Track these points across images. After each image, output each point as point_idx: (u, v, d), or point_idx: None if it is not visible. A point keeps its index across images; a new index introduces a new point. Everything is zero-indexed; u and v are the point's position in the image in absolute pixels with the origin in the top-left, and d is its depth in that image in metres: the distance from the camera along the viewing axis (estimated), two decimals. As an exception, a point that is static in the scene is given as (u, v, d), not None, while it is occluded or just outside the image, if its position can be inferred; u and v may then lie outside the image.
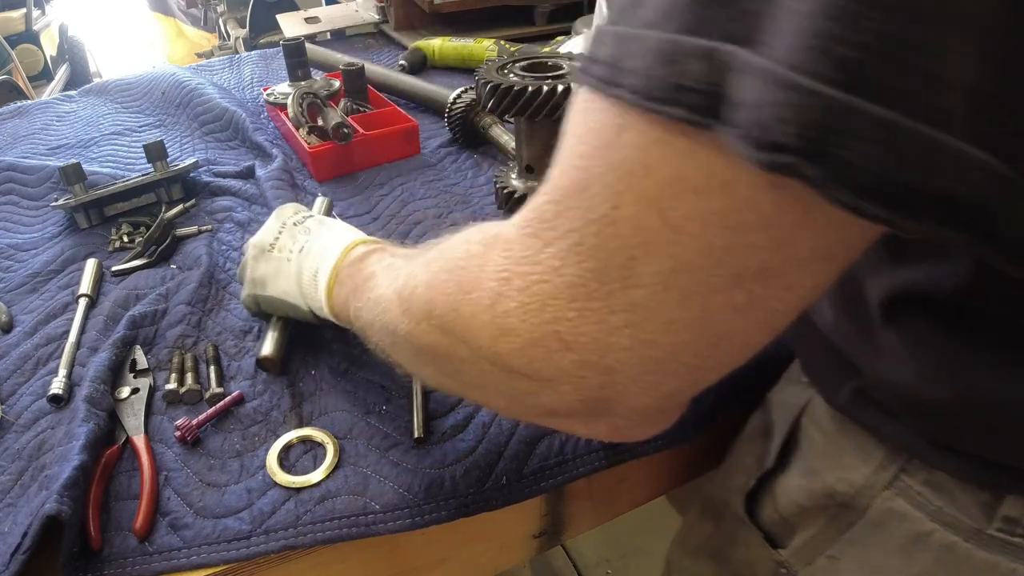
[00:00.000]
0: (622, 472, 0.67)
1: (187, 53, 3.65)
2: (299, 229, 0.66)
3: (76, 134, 1.27)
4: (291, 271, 0.64)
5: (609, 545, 1.67)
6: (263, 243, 0.67)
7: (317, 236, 0.64)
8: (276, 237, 0.66)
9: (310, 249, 0.63)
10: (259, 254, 0.67)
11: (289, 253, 0.64)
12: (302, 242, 0.64)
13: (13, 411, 0.67)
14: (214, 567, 0.55)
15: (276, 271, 0.65)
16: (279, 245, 0.65)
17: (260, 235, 0.68)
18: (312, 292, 0.61)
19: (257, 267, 0.67)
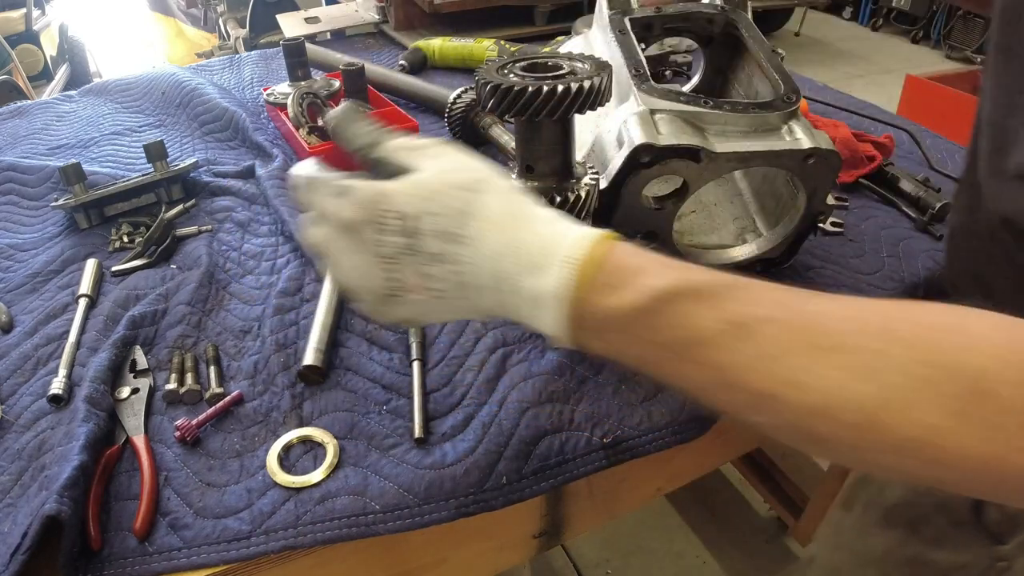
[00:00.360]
0: (622, 472, 0.67)
1: (187, 53, 3.66)
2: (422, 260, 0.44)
3: (76, 134, 1.27)
4: (456, 306, 0.46)
5: (609, 545, 1.67)
6: (375, 293, 0.47)
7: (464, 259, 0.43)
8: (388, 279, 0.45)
9: (470, 283, 0.44)
10: (381, 302, 0.47)
11: (437, 293, 0.45)
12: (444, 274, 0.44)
13: (13, 411, 0.67)
14: (214, 567, 0.55)
15: (429, 310, 0.47)
16: (409, 286, 0.45)
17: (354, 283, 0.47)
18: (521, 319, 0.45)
19: (393, 312, 0.48)
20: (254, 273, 0.86)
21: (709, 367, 0.38)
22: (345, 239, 0.45)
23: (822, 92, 1.34)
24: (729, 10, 0.87)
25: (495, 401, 0.66)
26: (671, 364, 0.40)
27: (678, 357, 0.39)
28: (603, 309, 0.40)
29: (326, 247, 0.48)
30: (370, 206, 0.44)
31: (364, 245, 0.44)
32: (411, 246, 0.43)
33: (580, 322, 0.41)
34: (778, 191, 0.80)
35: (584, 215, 0.65)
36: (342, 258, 0.46)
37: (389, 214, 0.43)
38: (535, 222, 0.43)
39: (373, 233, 0.44)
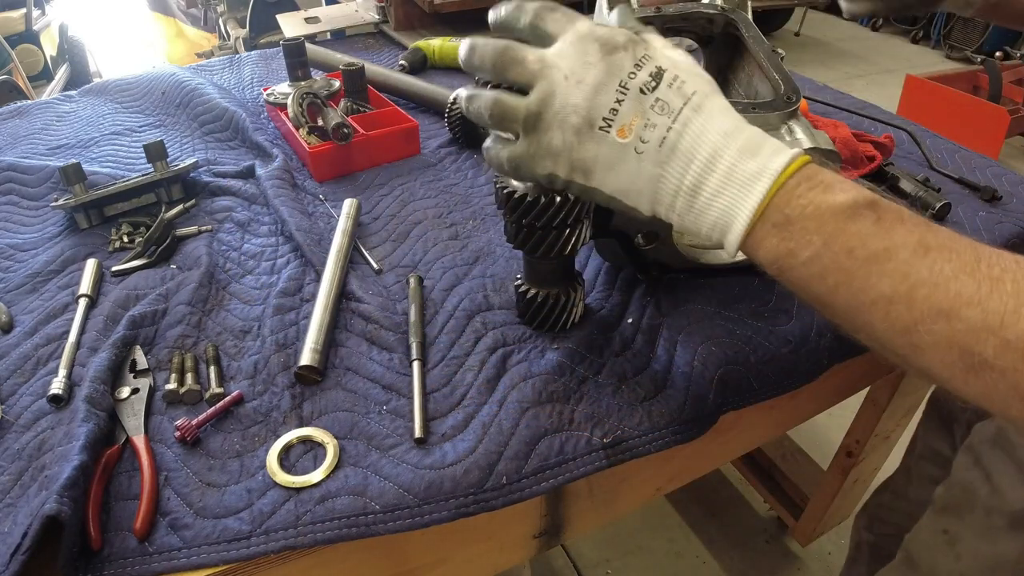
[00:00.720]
0: (622, 472, 0.67)
1: (187, 53, 3.66)
2: (654, 101, 0.45)
3: (76, 134, 1.27)
4: (642, 170, 0.46)
5: (609, 545, 1.67)
6: (590, 115, 0.46)
7: (693, 125, 0.45)
8: (615, 106, 0.46)
9: (684, 148, 0.45)
10: (584, 128, 0.46)
11: (639, 143, 0.45)
12: (662, 129, 0.45)
13: (13, 411, 0.67)
14: (214, 567, 0.55)
15: (613, 161, 0.47)
16: (621, 122, 0.45)
17: (580, 97, 0.46)
18: (689, 211, 0.46)
19: (582, 148, 0.47)
20: (254, 273, 0.86)
21: (896, 276, 0.41)
22: (597, 55, 0.46)
23: (822, 92, 1.34)
24: (729, 10, 0.87)
25: (495, 401, 0.66)
26: (854, 270, 0.42)
27: (863, 263, 0.41)
28: (809, 201, 0.43)
29: (559, 60, 0.47)
30: (636, 44, 0.47)
31: (613, 66, 0.46)
32: (651, 87, 0.45)
33: (776, 210, 0.43)
34: (778, 191, 0.80)
35: (584, 215, 0.65)
36: (583, 71, 0.46)
37: (648, 59, 0.46)
38: (755, 128, 0.47)
39: (628, 60, 0.46)
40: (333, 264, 0.82)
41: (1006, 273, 0.39)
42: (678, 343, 0.71)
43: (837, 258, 0.42)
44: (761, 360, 0.71)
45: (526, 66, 0.48)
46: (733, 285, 0.79)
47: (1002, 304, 0.38)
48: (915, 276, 0.40)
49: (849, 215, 0.42)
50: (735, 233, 0.45)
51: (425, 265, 0.86)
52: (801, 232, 0.43)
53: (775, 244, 0.44)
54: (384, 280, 0.84)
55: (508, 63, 0.49)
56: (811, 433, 1.85)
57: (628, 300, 0.78)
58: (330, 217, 0.96)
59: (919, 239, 0.41)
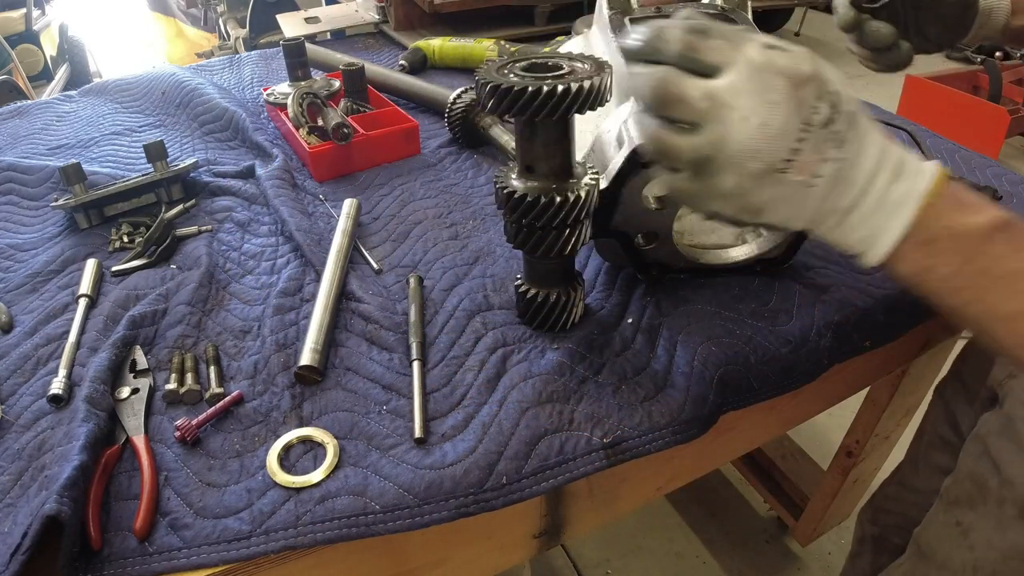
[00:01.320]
0: (622, 472, 0.67)
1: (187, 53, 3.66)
2: (831, 135, 0.44)
3: (76, 134, 1.27)
4: (809, 202, 0.45)
5: (609, 545, 1.67)
6: (772, 158, 0.43)
7: (850, 149, 0.45)
8: (796, 146, 0.43)
9: (846, 177, 0.45)
10: (764, 175, 0.44)
11: (812, 179, 0.44)
12: (834, 163, 0.44)
13: (13, 411, 0.67)
14: (214, 567, 0.55)
15: (785, 198, 0.45)
16: (800, 163, 0.43)
17: (761, 142, 0.43)
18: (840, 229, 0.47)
19: (757, 193, 0.45)
20: (254, 273, 0.86)
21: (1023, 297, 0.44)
22: (784, 92, 0.43)
23: (822, 92, 1.34)
24: (729, 10, 0.87)
25: (495, 401, 0.66)
26: (987, 287, 0.45)
27: (996, 281, 0.45)
28: (949, 223, 0.46)
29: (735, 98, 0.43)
30: (818, 74, 0.44)
31: (800, 103, 0.43)
32: (830, 120, 0.44)
33: (920, 230, 0.46)
34: (778, 191, 0.80)
35: (584, 215, 0.65)
36: (768, 112, 0.42)
37: (828, 83, 0.44)
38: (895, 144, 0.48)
39: (812, 95, 0.43)
40: (333, 264, 0.82)
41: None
42: (678, 343, 0.71)
43: (973, 276, 0.45)
44: (761, 360, 0.71)
45: (691, 105, 0.43)
46: (733, 285, 0.79)
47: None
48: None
49: (986, 236, 0.45)
50: (879, 251, 0.47)
51: (425, 265, 0.86)
52: (941, 251, 0.46)
53: (916, 260, 0.47)
54: (384, 280, 0.84)
55: (668, 102, 0.44)
56: (811, 433, 1.85)
57: (628, 300, 0.78)
58: (330, 217, 0.96)
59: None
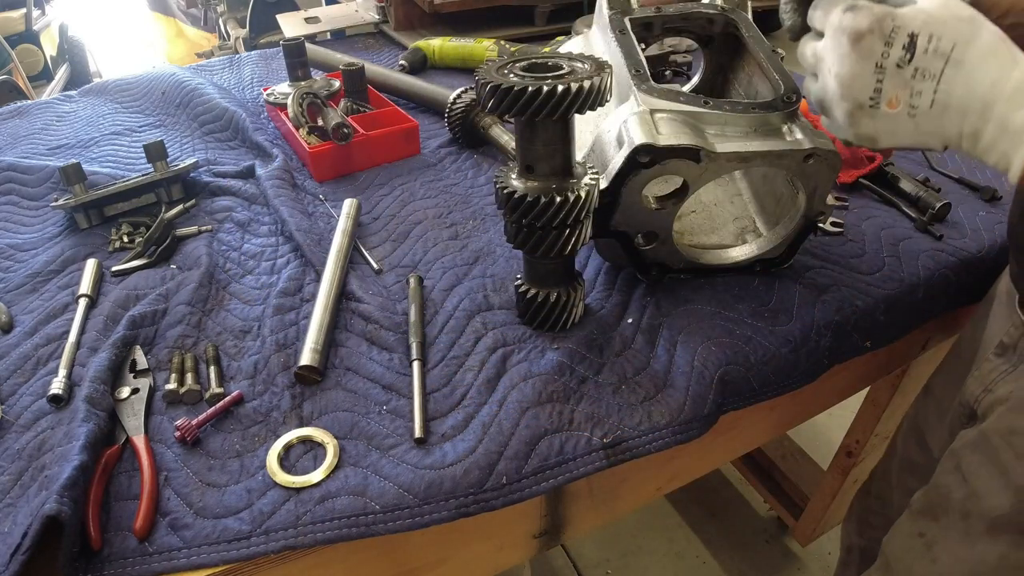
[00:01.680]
0: (622, 472, 0.67)
1: (187, 53, 3.66)
2: (913, 72, 0.50)
3: (76, 134, 1.27)
4: (922, 127, 0.52)
5: (609, 545, 1.67)
6: (856, 100, 0.53)
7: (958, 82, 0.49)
8: (877, 86, 0.52)
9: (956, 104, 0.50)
10: (855, 111, 0.54)
11: (911, 109, 0.51)
12: (929, 94, 0.50)
13: (13, 411, 0.67)
14: (214, 567, 0.55)
15: (892, 128, 0.53)
16: (887, 98, 0.52)
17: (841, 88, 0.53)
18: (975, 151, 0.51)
19: (858, 125, 0.54)
20: (254, 273, 0.86)
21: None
22: (847, 46, 0.51)
23: (822, 92, 1.34)
24: (729, 10, 0.87)
25: (495, 401, 0.66)
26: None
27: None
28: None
29: (824, 54, 0.54)
30: (882, 18, 0.50)
31: (864, 52, 0.51)
32: (907, 60, 0.50)
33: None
34: (778, 191, 0.80)
35: (584, 215, 0.65)
36: (839, 64, 0.52)
37: (896, 30, 0.50)
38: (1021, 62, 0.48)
39: (877, 42, 0.50)
40: (333, 264, 0.82)
41: None
42: (678, 343, 0.71)
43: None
44: (761, 360, 0.71)
45: (807, 60, 0.57)
46: (733, 285, 0.79)
47: None
48: None
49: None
50: (1013, 173, 0.49)
51: (425, 265, 0.86)
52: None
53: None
54: (384, 280, 0.84)
55: (800, 57, 0.59)
56: (811, 433, 1.85)
57: (628, 300, 0.78)
58: (330, 217, 0.96)
59: None
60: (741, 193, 0.89)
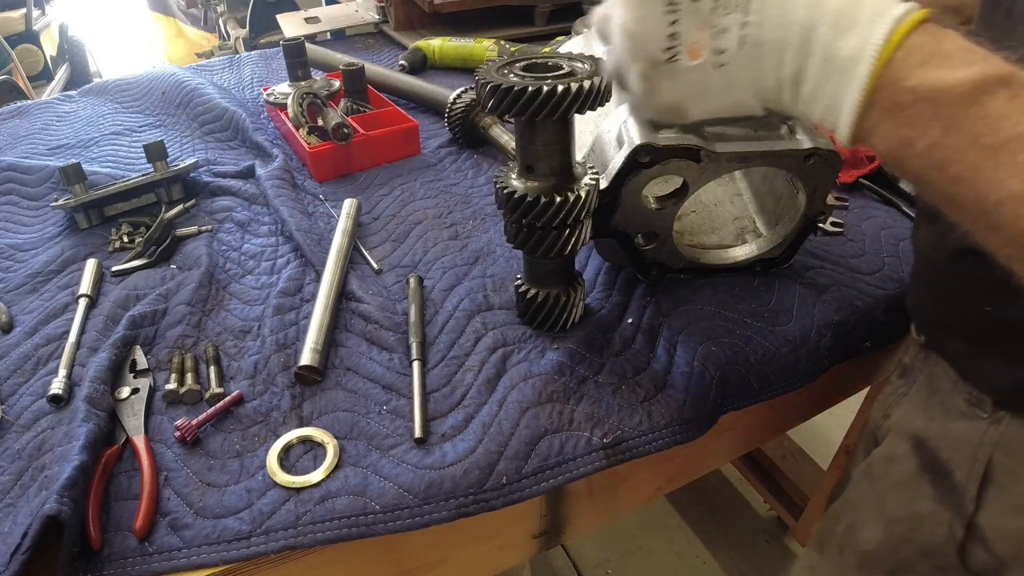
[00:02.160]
0: (622, 472, 0.67)
1: (187, 53, 3.66)
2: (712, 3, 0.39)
3: (76, 134, 1.27)
4: (734, 79, 0.41)
5: (609, 545, 1.67)
6: (648, 54, 0.42)
7: (771, 8, 0.38)
8: (671, 30, 0.40)
9: (770, 39, 0.39)
10: (651, 70, 0.42)
11: (716, 56, 0.40)
12: (736, 29, 0.39)
13: (13, 411, 0.67)
14: (214, 567, 0.55)
15: (700, 88, 0.42)
16: (686, 42, 0.40)
17: (632, 36, 0.42)
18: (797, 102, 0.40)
19: (660, 90, 0.43)
20: (254, 273, 0.86)
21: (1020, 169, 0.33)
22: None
23: (822, 92, 1.34)
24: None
25: (495, 401, 0.66)
26: (975, 161, 0.34)
27: (991, 153, 0.34)
28: (922, 81, 0.35)
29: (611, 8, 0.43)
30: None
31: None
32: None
33: (885, 93, 0.36)
34: (778, 191, 0.80)
35: (584, 215, 0.65)
36: (624, 9, 0.41)
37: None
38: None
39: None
40: (333, 264, 0.82)
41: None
42: (678, 343, 0.71)
43: (959, 148, 0.35)
44: (761, 360, 0.71)
45: (598, 28, 0.45)
46: (733, 285, 0.79)
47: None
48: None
49: (972, 96, 0.34)
50: (844, 124, 0.39)
51: (425, 265, 0.86)
52: (916, 118, 0.36)
53: (888, 132, 0.37)
54: (384, 280, 0.84)
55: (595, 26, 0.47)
56: (811, 433, 1.85)
57: (628, 300, 0.78)
58: (330, 217, 0.96)
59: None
60: (741, 193, 0.89)
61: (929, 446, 0.62)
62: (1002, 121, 0.33)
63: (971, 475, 0.57)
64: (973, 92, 0.34)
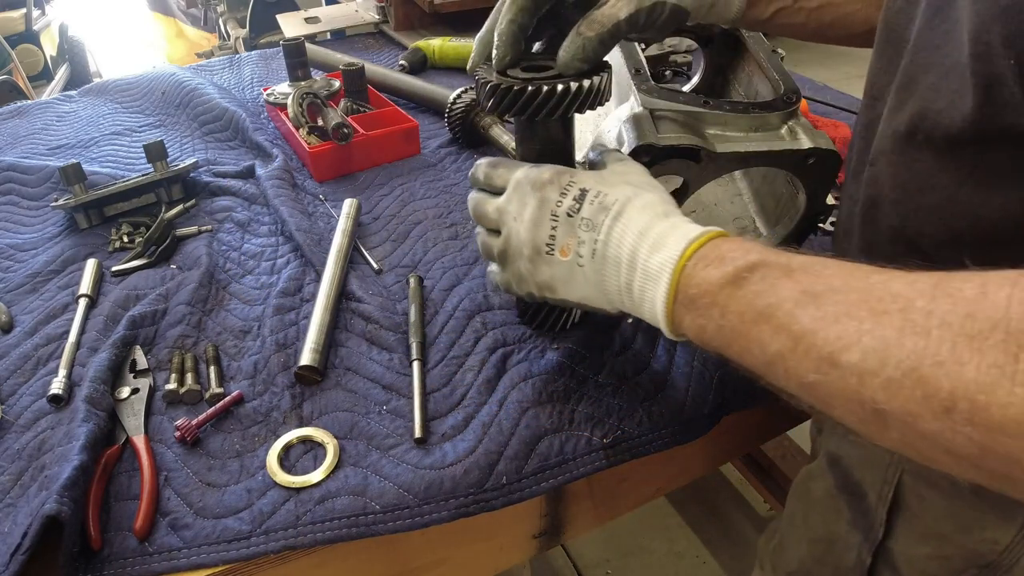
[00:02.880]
0: (622, 472, 0.67)
1: (187, 53, 3.65)
2: (580, 221, 0.52)
3: (76, 134, 1.27)
4: (589, 279, 0.53)
5: (609, 545, 1.67)
6: (535, 245, 0.54)
7: (614, 233, 0.50)
8: (552, 233, 0.53)
9: (611, 255, 0.50)
10: (534, 256, 0.54)
11: (578, 258, 0.52)
12: (590, 243, 0.51)
13: (13, 411, 0.67)
14: (214, 567, 0.55)
15: (566, 277, 0.54)
16: (560, 244, 0.53)
17: (524, 233, 0.54)
18: (632, 304, 0.51)
19: (538, 272, 0.55)
20: (254, 273, 0.86)
21: (782, 332, 0.40)
22: (531, 196, 0.54)
23: (822, 92, 1.34)
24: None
25: (495, 401, 0.66)
26: (748, 332, 0.42)
27: (754, 324, 0.41)
28: (699, 280, 0.45)
29: (507, 206, 0.56)
30: (561, 175, 0.54)
31: (543, 199, 0.53)
32: (576, 209, 0.52)
33: (682, 294, 0.46)
34: (778, 191, 0.80)
35: None
36: (524, 210, 0.54)
37: (572, 184, 0.53)
38: (673, 216, 0.51)
39: (554, 191, 0.53)
40: (333, 264, 0.82)
41: (896, 302, 0.35)
42: (678, 343, 0.71)
43: (733, 325, 0.43)
44: (761, 360, 0.71)
45: (490, 216, 0.58)
46: (733, 285, 0.79)
47: (882, 339, 0.34)
48: (797, 327, 0.38)
49: (734, 282, 0.43)
50: (661, 320, 0.49)
51: (425, 265, 0.86)
52: (704, 308, 0.45)
53: (690, 322, 0.46)
54: (384, 280, 0.84)
55: (480, 216, 0.60)
56: (811, 433, 1.85)
57: (628, 300, 0.78)
58: (330, 217, 0.96)
59: (805, 288, 0.40)
60: (741, 193, 0.89)
61: (844, 465, 0.62)
62: (755, 298, 0.42)
63: (880, 498, 0.57)
64: (734, 280, 0.43)
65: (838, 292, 0.38)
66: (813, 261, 0.42)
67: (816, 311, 0.38)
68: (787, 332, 0.39)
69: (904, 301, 0.35)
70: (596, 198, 0.52)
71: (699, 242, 0.46)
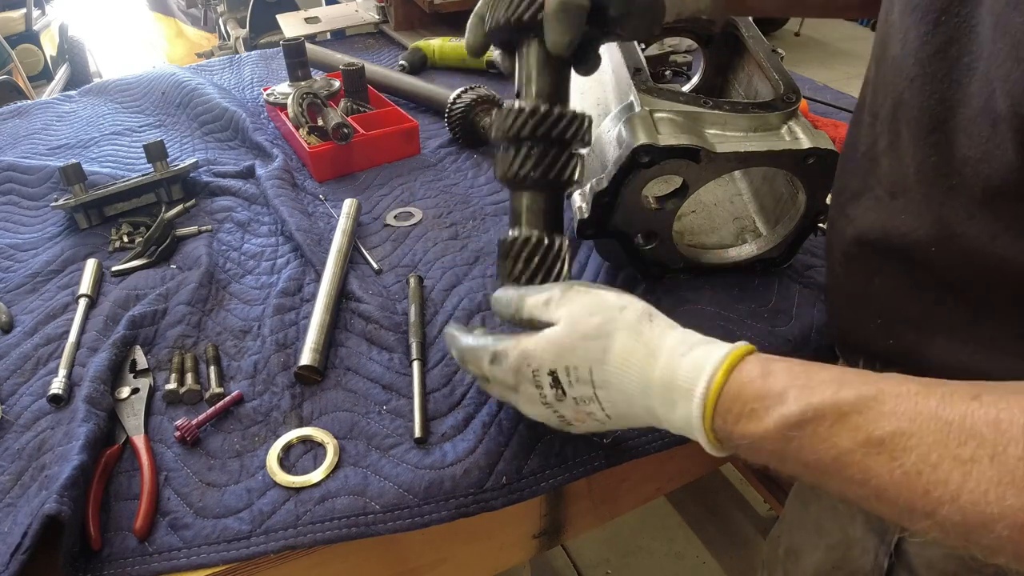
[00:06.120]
0: (622, 472, 0.67)
1: (187, 53, 3.65)
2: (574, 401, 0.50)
3: (76, 134, 1.27)
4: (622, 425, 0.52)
5: (609, 545, 1.67)
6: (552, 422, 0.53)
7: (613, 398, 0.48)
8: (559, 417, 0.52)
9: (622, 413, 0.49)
10: (560, 426, 0.54)
11: (594, 421, 0.51)
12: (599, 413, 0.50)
13: (13, 411, 0.67)
14: (214, 567, 0.55)
15: (599, 427, 0.53)
16: (572, 419, 0.52)
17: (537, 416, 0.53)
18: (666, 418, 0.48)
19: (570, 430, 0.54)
20: (254, 273, 0.86)
21: (855, 484, 0.38)
22: (513, 394, 0.53)
23: (822, 92, 1.34)
24: (729, 10, 0.86)
25: (495, 401, 0.66)
26: (820, 479, 0.40)
27: (825, 475, 0.40)
28: (743, 436, 0.42)
29: (505, 398, 0.55)
30: (520, 369, 0.51)
31: (527, 398, 0.52)
32: (561, 395, 0.50)
33: (726, 444, 0.44)
34: (778, 191, 0.80)
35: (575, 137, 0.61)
36: (520, 406, 0.54)
37: (537, 372, 0.50)
38: (660, 356, 0.46)
39: (530, 387, 0.51)
40: (333, 264, 0.82)
41: (983, 447, 0.34)
42: (678, 343, 0.71)
43: (797, 471, 0.41)
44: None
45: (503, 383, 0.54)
46: (733, 285, 0.79)
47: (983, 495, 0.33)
48: (876, 482, 0.37)
49: (784, 439, 0.40)
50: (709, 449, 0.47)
51: (425, 265, 0.86)
52: (757, 454, 0.43)
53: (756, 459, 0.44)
54: (384, 280, 0.84)
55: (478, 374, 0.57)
56: (811, 433, 1.85)
57: (628, 300, 0.78)
58: (330, 217, 0.96)
59: (868, 435, 0.37)
60: (741, 193, 0.89)
61: None
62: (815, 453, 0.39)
63: None
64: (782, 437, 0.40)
65: (908, 436, 0.36)
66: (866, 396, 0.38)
67: (887, 463, 0.36)
68: (861, 485, 0.37)
69: (991, 447, 0.34)
70: (569, 376, 0.49)
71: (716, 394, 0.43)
